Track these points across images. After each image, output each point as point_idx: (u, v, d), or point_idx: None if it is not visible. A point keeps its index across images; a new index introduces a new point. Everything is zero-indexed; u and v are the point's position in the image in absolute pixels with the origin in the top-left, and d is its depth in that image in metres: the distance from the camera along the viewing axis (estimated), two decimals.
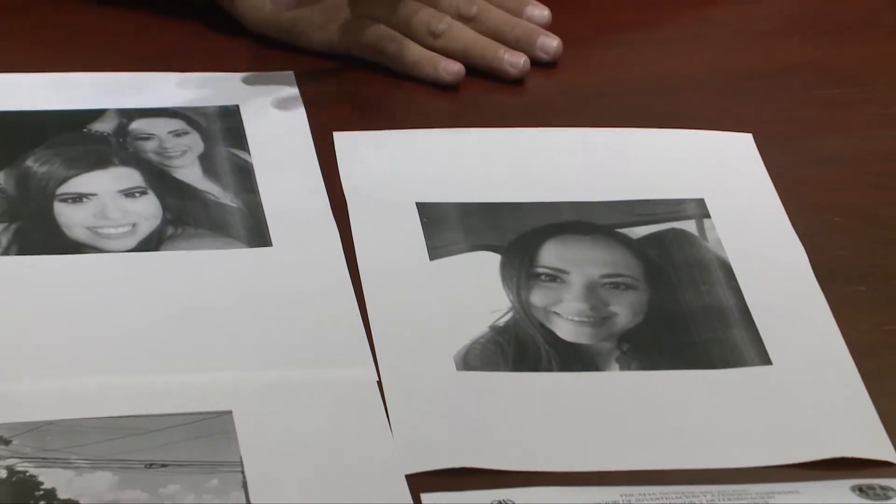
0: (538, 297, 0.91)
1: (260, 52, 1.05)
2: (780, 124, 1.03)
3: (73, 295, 0.89)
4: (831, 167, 1.01)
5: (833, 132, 1.04)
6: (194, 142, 0.98)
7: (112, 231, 0.92)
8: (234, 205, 0.95)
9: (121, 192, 0.94)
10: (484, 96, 1.05)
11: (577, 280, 0.92)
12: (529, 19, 1.07)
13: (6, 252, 0.90)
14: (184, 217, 0.93)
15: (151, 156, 0.97)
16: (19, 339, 0.86)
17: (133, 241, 0.92)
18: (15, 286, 0.89)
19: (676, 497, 0.79)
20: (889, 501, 0.80)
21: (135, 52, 1.04)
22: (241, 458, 0.80)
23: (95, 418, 0.81)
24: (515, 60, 1.05)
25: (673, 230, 0.95)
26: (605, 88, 1.06)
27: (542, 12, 1.07)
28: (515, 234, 0.94)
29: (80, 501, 0.77)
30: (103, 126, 0.98)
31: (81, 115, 0.99)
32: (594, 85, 1.07)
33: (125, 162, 0.96)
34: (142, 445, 0.80)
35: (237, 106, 1.01)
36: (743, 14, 1.16)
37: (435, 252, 0.93)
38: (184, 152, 0.97)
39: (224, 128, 1.00)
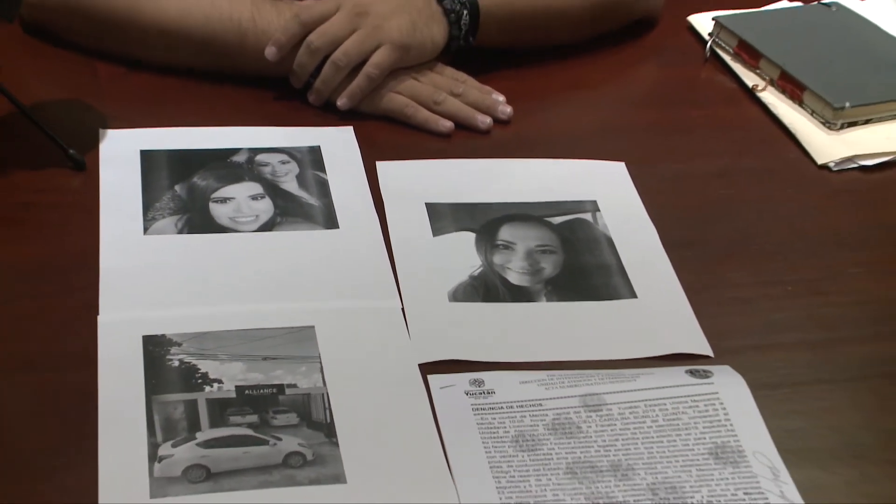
0: (498, 258, 0.90)
1: (332, 114, 1.03)
2: (641, 157, 1.02)
3: (220, 257, 0.88)
4: (672, 182, 1.00)
5: (673, 162, 1.03)
6: (294, 167, 0.97)
7: (244, 220, 0.91)
8: (316, 204, 0.94)
9: (249, 196, 0.94)
10: (465, 141, 1.03)
11: (520, 248, 0.91)
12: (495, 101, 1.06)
13: (181, 232, 0.89)
14: (287, 212, 0.92)
15: (268, 175, 0.96)
16: (188, 284, 0.85)
17: (256, 226, 0.91)
18: (185, 252, 0.88)
19: (579, 377, 0.79)
20: (707, 379, 0.79)
21: (258, 113, 1.03)
22: (319, 354, 0.80)
23: (232, 330, 0.81)
24: (484, 119, 1.04)
25: (578, 219, 0.95)
26: (538, 136, 1.05)
27: (500, 97, 1.06)
28: (484, 221, 0.93)
29: (223, 380, 0.77)
30: (239, 158, 0.98)
31: (226, 152, 0.98)
32: (532, 134, 1.05)
33: (252, 179, 0.95)
34: (260, 346, 0.80)
35: (319, 146, 1.00)
36: (620, 92, 1.16)
37: (436, 232, 0.92)
38: (287, 173, 0.96)
39: (311, 159, 0.98)
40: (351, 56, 1.00)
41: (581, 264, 0.90)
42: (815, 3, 1.20)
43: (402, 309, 0.84)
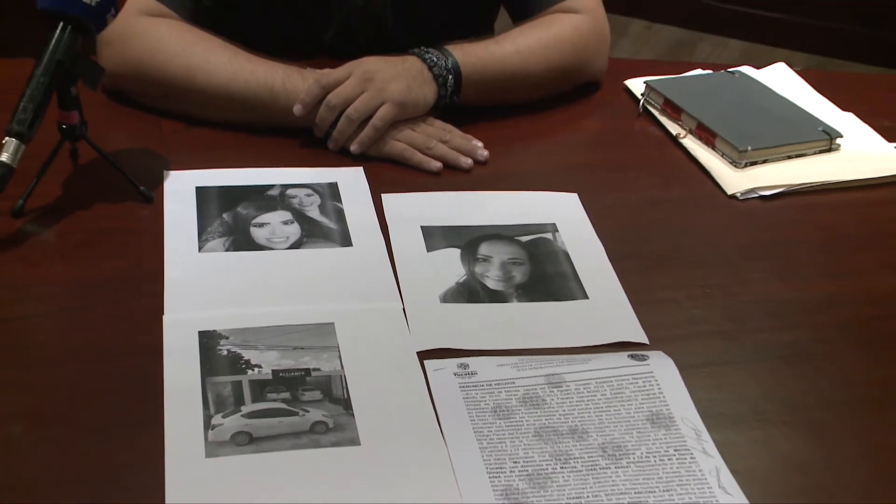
0: (478, 269, 0.89)
1: (346, 157, 1.03)
2: (590, 189, 1.01)
3: (259, 269, 0.87)
4: (614, 208, 0.99)
5: (615, 192, 1.03)
6: (316, 199, 0.96)
7: (277, 240, 0.90)
8: (335, 227, 0.93)
9: (282, 222, 0.93)
10: (452, 177, 1.02)
11: (496, 261, 0.90)
12: (475, 146, 1.05)
13: (228, 250, 0.89)
14: (311, 233, 0.91)
15: (296, 205, 0.95)
16: (234, 290, 0.85)
17: (287, 245, 0.90)
18: (232, 266, 0.87)
19: (543, 360, 0.79)
20: (644, 361, 0.79)
21: (288, 157, 1.02)
22: (338, 344, 0.79)
23: (269, 326, 0.80)
24: (467, 160, 1.03)
25: (541, 237, 0.94)
26: (509, 173, 1.04)
27: (478, 143, 1.04)
28: (468, 239, 0.93)
29: (262, 365, 0.76)
30: (273, 192, 0.96)
31: (263, 187, 0.97)
32: (504, 172, 1.04)
33: (284, 208, 0.94)
34: (292, 339, 0.79)
35: (336, 182, 0.99)
36: (572, 138, 1.15)
37: (429, 248, 0.91)
38: (311, 203, 0.95)
39: (330, 192, 0.97)
40: (361, 112, 1.00)
41: (544, 273, 0.89)
42: (723, 71, 1.21)
43: (403, 309, 0.83)
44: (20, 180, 0.86)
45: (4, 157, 0.83)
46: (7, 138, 0.84)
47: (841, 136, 1.09)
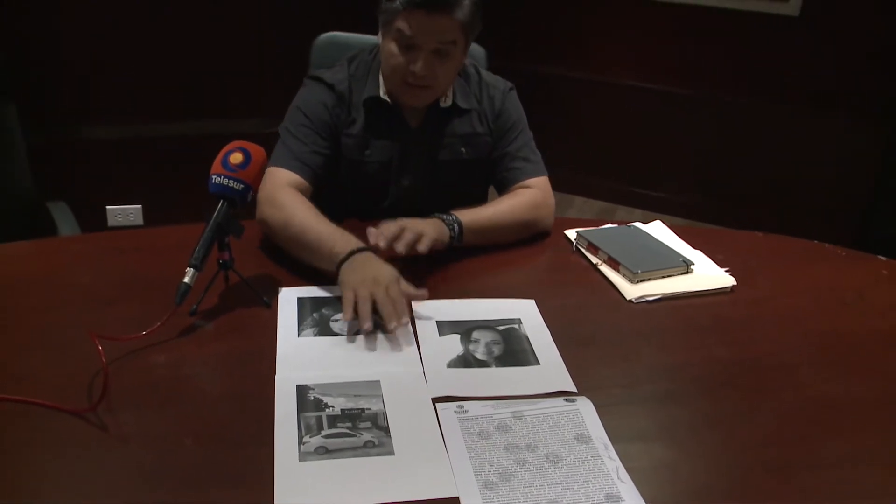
0: (471, 347, 0.92)
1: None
2: (542, 297, 1.02)
3: (334, 347, 0.89)
4: (556, 311, 1.00)
5: (558, 300, 1.03)
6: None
7: (345, 330, 0.92)
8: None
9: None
10: (452, 288, 1.02)
11: (482, 342, 0.93)
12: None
13: (315, 336, 0.91)
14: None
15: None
16: (319, 360, 0.87)
17: (352, 333, 0.92)
18: (318, 346, 0.89)
19: (510, 403, 0.82)
20: (574, 403, 0.81)
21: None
22: (382, 394, 0.82)
23: (340, 382, 0.83)
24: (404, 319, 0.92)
25: (511, 327, 0.96)
26: (491, 287, 1.05)
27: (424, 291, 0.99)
28: (464, 329, 0.94)
29: (334, 406, 0.79)
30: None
31: (338, 298, 0.96)
32: (488, 286, 1.05)
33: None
34: (353, 390, 0.82)
35: None
36: (532, 266, 1.15)
37: (440, 334, 0.93)
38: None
39: None
40: (409, 242, 1.01)
41: (513, 349, 0.91)
42: (624, 225, 1.23)
43: (423, 372, 0.86)
44: (195, 293, 0.92)
45: (186, 279, 0.90)
46: (188, 268, 0.91)
47: (693, 264, 1.12)
